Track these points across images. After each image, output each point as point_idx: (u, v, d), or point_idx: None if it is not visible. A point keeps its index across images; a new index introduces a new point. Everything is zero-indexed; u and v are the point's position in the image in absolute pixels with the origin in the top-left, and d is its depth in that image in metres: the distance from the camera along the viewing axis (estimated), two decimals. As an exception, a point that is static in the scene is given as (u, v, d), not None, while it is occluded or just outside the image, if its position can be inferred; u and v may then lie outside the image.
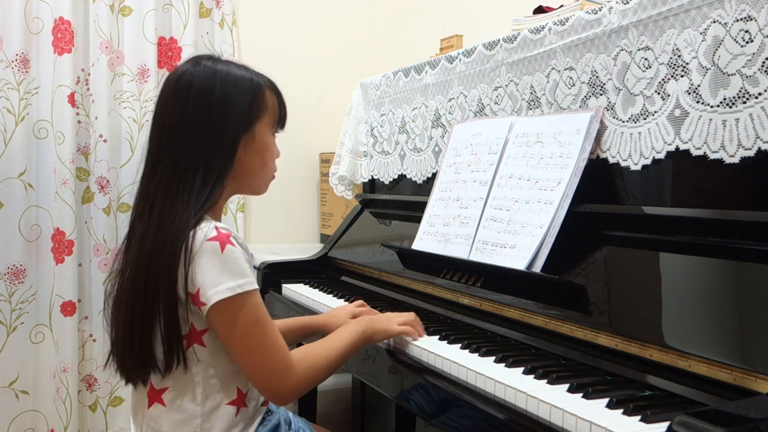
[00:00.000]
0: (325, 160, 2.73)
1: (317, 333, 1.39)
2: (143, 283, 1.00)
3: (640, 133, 1.18)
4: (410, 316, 1.25)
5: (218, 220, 1.09)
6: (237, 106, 1.06)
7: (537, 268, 1.21)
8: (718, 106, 1.04)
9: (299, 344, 1.67)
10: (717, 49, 1.03)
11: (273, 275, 1.91)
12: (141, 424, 1.08)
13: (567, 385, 0.94)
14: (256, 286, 1.02)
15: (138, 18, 2.47)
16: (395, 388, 1.20)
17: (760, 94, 0.98)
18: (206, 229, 1.00)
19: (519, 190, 1.33)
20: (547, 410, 0.89)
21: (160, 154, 1.05)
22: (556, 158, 1.28)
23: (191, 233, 0.99)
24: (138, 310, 1.01)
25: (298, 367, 1.03)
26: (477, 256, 1.37)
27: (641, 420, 0.82)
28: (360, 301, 1.43)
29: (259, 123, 1.09)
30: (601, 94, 1.27)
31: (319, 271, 1.98)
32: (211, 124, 1.04)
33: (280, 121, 1.15)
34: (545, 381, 0.98)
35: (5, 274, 2.31)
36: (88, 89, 2.43)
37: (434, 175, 1.71)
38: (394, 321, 1.22)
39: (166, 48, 2.55)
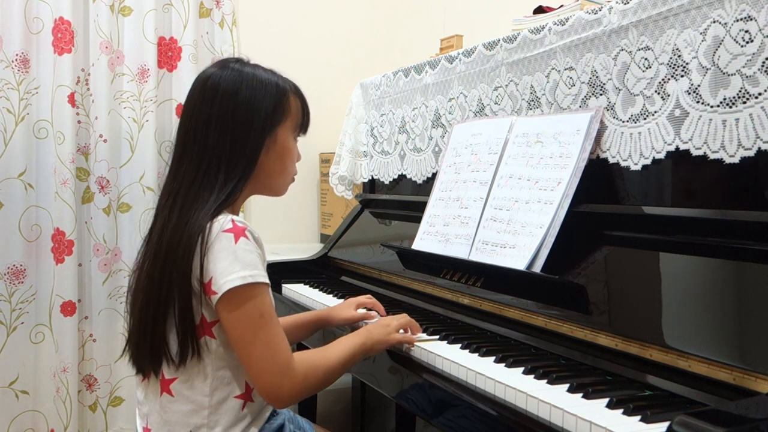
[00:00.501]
0: (325, 160, 2.73)
1: (322, 327, 1.40)
2: (159, 274, 1.02)
3: (640, 133, 1.18)
4: (405, 318, 1.24)
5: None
6: (262, 109, 1.09)
7: (537, 268, 1.21)
8: (718, 106, 1.04)
9: (299, 344, 1.67)
10: (717, 49, 1.03)
11: (273, 275, 1.87)
12: (149, 415, 1.08)
13: (567, 385, 0.95)
14: (268, 282, 1.03)
15: (138, 18, 2.47)
16: (395, 388, 1.20)
17: (760, 94, 0.98)
18: (222, 221, 1.01)
19: (519, 190, 1.33)
20: (547, 410, 0.89)
21: (185, 151, 1.08)
22: (556, 158, 1.28)
23: (208, 225, 1.01)
24: (153, 300, 1.02)
25: (298, 370, 1.03)
26: (477, 256, 1.37)
27: (641, 420, 0.82)
28: (368, 295, 1.44)
29: (282, 126, 1.11)
30: (601, 94, 1.27)
31: (319, 271, 1.98)
32: (235, 125, 1.07)
33: (303, 126, 1.17)
34: (545, 381, 0.98)
35: (5, 274, 2.31)
36: (88, 89, 2.43)
37: (434, 175, 1.71)
38: (392, 328, 1.21)
39: (166, 48, 2.55)
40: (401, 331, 1.22)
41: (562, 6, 1.50)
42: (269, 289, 1.04)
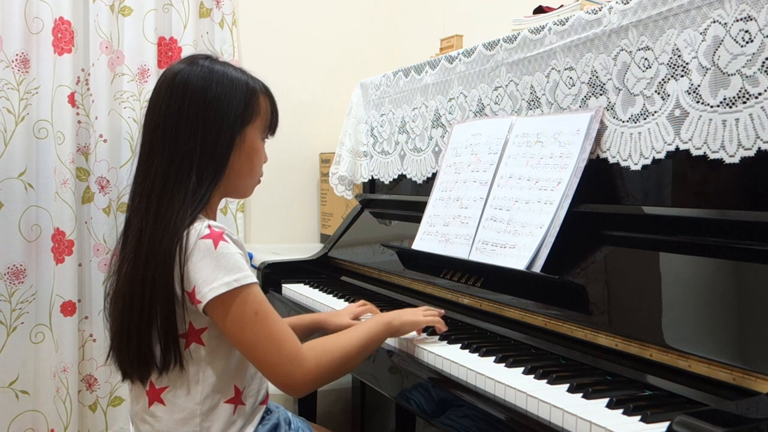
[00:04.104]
0: (325, 160, 2.73)
1: (316, 331, 1.39)
2: (141, 280, 1.00)
3: (640, 133, 1.18)
4: (434, 310, 1.26)
5: (214, 220, 1.08)
6: (232, 108, 1.07)
7: (537, 268, 1.21)
8: (718, 106, 1.04)
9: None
10: (717, 49, 1.03)
11: (273, 275, 1.91)
12: (141, 424, 1.08)
13: (567, 385, 0.95)
14: (254, 280, 1.01)
15: (138, 18, 2.47)
16: (395, 388, 1.20)
17: (760, 94, 0.98)
18: (199, 227, 1.00)
19: (519, 190, 1.33)
20: (547, 410, 0.89)
21: (154, 149, 1.06)
22: (556, 158, 1.28)
23: (185, 233, 0.99)
24: (135, 307, 1.01)
25: (308, 357, 1.01)
26: (477, 256, 1.37)
27: (641, 420, 0.82)
28: (362, 301, 1.43)
29: (251, 126, 1.10)
30: (601, 94, 1.27)
31: (319, 271, 1.98)
32: (206, 123, 1.05)
33: (271, 127, 1.16)
34: (545, 381, 0.98)
35: (5, 274, 2.31)
36: (88, 89, 2.43)
37: (434, 175, 1.71)
38: (420, 312, 1.22)
39: (166, 48, 2.55)
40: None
41: (562, 6, 1.50)
42: (258, 285, 1.02)
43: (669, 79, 1.12)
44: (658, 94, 1.15)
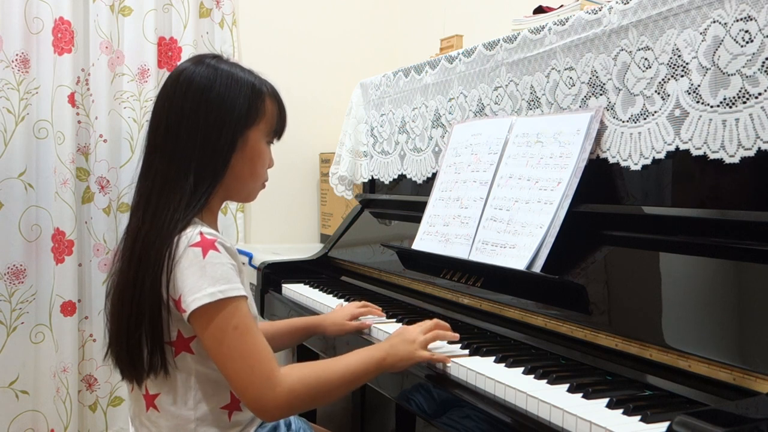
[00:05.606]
0: (325, 160, 2.73)
1: (313, 334, 1.38)
2: (132, 280, 0.99)
3: (640, 133, 1.18)
4: (431, 327, 1.12)
5: (214, 224, 1.08)
6: (234, 108, 1.05)
7: (537, 268, 1.21)
8: (718, 106, 1.04)
9: (300, 346, 1.67)
10: (717, 49, 1.03)
11: (273, 275, 1.91)
12: (140, 427, 1.07)
13: (567, 385, 0.95)
14: (241, 293, 0.98)
15: (138, 18, 2.47)
16: (395, 388, 1.20)
17: (760, 94, 0.98)
18: (190, 234, 0.98)
19: (519, 190, 1.33)
20: (547, 410, 0.89)
21: (156, 148, 1.05)
22: (556, 158, 1.28)
23: (176, 238, 0.98)
24: (126, 307, 1.00)
25: (283, 381, 0.96)
26: (477, 256, 1.37)
27: (641, 420, 0.82)
28: (362, 302, 1.42)
29: (255, 129, 1.07)
30: (601, 94, 1.27)
31: (319, 271, 1.98)
32: (207, 124, 1.03)
33: (277, 131, 1.13)
34: (545, 381, 0.98)
35: (5, 274, 2.31)
36: (88, 89, 2.43)
37: (434, 175, 1.71)
38: (419, 344, 1.08)
39: (166, 48, 2.55)
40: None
41: (562, 6, 1.50)
42: (245, 300, 0.99)
43: (669, 79, 1.12)
44: (658, 94, 1.15)
